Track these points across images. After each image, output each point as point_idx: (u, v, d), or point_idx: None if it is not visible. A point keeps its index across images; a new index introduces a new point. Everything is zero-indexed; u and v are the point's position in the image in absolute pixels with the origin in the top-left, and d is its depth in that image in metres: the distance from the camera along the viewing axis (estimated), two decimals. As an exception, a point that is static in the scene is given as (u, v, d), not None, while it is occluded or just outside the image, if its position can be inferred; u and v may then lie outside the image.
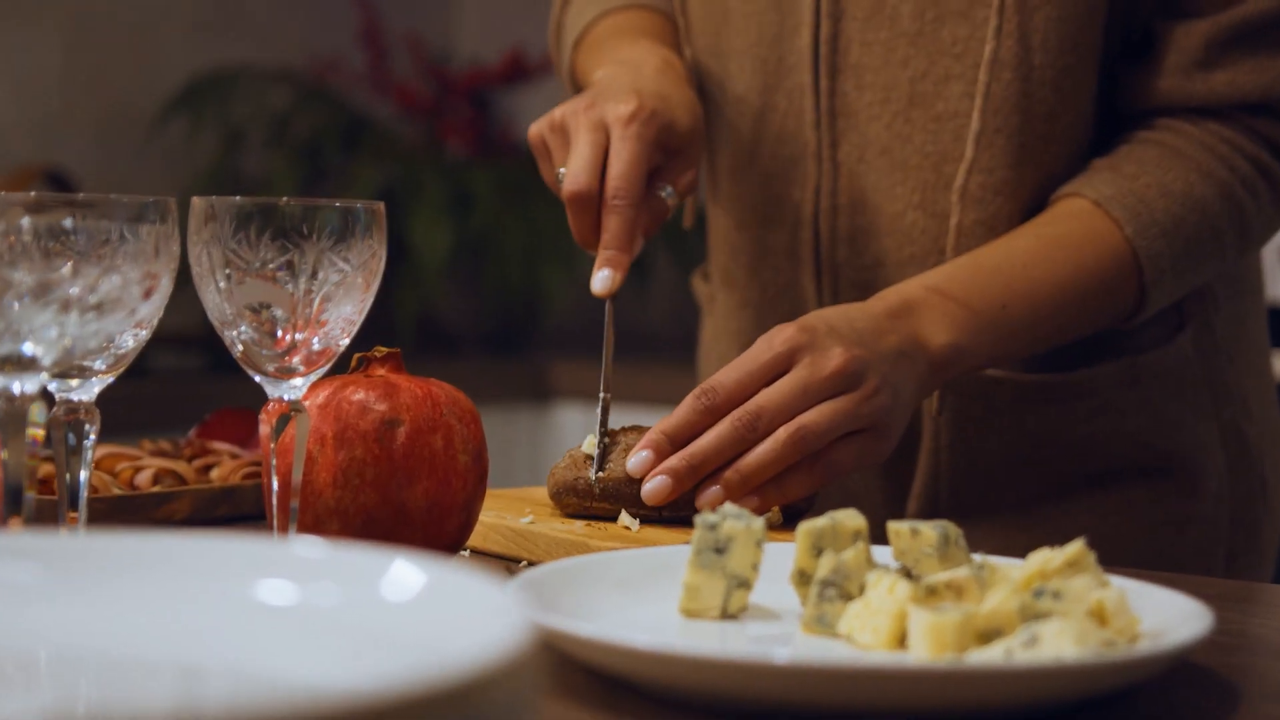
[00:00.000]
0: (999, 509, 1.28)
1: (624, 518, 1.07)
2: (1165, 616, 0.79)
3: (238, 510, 1.17)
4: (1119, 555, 1.26)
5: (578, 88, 1.38)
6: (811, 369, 1.06)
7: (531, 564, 1.03)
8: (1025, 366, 1.26)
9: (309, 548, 0.57)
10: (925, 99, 1.24)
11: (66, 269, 0.75)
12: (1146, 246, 1.17)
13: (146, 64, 2.99)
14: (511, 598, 0.52)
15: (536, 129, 1.21)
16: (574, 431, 2.80)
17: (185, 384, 2.56)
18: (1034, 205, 1.23)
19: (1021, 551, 0.85)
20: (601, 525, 1.07)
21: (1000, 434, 1.27)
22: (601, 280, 1.14)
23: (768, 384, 1.07)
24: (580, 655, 0.74)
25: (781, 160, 1.31)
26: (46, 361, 0.75)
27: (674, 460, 1.05)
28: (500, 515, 1.08)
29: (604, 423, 1.12)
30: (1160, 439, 1.28)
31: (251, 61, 3.05)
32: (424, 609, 0.53)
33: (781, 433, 1.05)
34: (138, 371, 2.54)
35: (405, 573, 0.55)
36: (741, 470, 1.05)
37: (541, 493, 1.17)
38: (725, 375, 1.07)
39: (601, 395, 1.14)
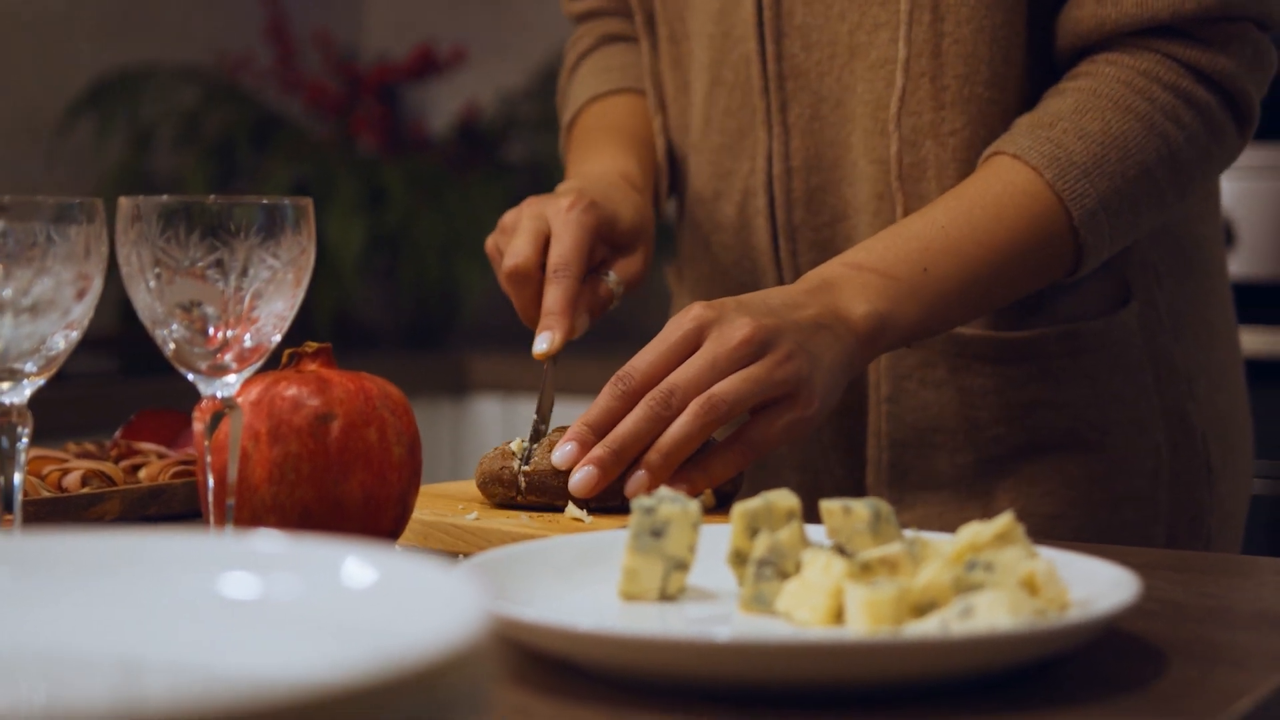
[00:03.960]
0: (936, 482, 1.29)
1: (572, 509, 1.07)
2: (1093, 586, 0.81)
3: (168, 509, 1.16)
4: (1054, 534, 1.28)
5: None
6: (719, 341, 1.07)
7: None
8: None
9: (268, 541, 0.58)
10: (862, 49, 1.26)
11: (-1, 272, 0.75)
12: (1069, 189, 1.17)
13: (51, 65, 2.96)
14: (466, 584, 0.53)
15: (491, 239, 1.26)
16: (493, 424, 2.80)
17: (101, 387, 2.54)
18: (967, 156, 1.24)
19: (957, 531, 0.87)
20: (552, 518, 1.07)
21: (937, 388, 1.28)
22: (542, 340, 1.17)
23: (681, 363, 1.08)
24: (524, 640, 0.75)
25: (729, 133, 1.34)
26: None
27: (597, 450, 1.07)
28: (439, 514, 1.08)
29: (533, 440, 1.13)
30: (1097, 412, 1.29)
31: (159, 60, 3.03)
32: (383, 597, 0.54)
33: (694, 405, 1.06)
34: (56, 375, 2.53)
35: (361, 562, 0.56)
36: (660, 449, 1.06)
37: (468, 488, 1.17)
38: (638, 359, 1.09)
39: (535, 419, 1.15)
